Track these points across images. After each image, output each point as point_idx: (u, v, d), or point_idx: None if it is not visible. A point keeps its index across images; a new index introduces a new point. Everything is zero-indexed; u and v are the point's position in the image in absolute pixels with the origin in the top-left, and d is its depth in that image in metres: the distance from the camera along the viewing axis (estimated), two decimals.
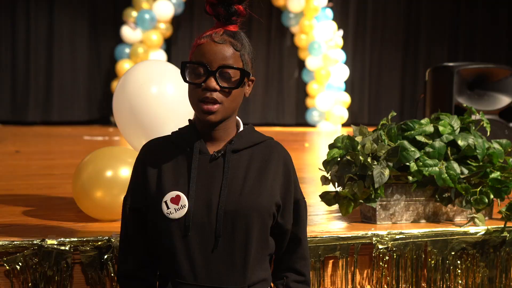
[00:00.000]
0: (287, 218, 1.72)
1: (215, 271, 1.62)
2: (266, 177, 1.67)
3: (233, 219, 1.62)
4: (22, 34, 9.69)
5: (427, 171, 2.55)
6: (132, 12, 9.60)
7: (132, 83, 2.54)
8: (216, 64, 1.62)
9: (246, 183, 1.64)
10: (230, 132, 1.70)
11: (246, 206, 1.62)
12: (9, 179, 3.92)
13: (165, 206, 1.63)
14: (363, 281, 2.47)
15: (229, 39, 1.65)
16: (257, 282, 1.68)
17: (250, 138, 1.71)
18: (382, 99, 11.84)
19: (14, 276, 2.09)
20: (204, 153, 1.67)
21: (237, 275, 1.63)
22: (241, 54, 1.67)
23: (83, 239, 2.15)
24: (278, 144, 1.75)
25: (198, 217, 1.62)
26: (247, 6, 1.70)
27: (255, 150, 1.70)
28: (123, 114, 2.57)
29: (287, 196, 1.71)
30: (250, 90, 1.73)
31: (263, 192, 1.65)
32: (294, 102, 11.24)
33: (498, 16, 12.53)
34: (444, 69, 3.99)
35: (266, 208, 1.65)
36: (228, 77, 1.63)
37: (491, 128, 3.43)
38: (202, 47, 1.64)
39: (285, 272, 1.77)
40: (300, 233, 1.77)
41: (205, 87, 1.61)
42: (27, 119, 9.67)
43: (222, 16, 1.66)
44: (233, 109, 1.67)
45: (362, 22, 11.73)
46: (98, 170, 2.41)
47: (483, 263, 2.61)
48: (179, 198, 1.63)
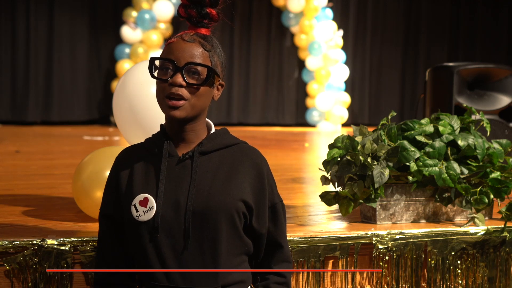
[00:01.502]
0: (261, 222, 1.72)
1: (186, 272, 1.63)
2: (235, 178, 1.67)
3: (201, 219, 1.62)
4: (22, 34, 9.69)
5: (427, 171, 2.56)
6: (132, 12, 9.60)
7: (132, 83, 2.54)
8: (183, 61, 1.63)
9: (214, 184, 1.65)
10: (200, 134, 1.71)
11: (213, 206, 1.63)
12: (9, 179, 3.92)
13: (134, 209, 1.65)
14: (363, 281, 2.47)
15: (198, 39, 1.67)
16: (232, 284, 1.68)
17: (220, 140, 1.71)
18: (382, 99, 11.84)
19: (14, 276, 2.09)
20: (173, 156, 1.68)
21: (209, 275, 1.64)
22: (210, 55, 1.67)
23: (83, 239, 2.15)
24: (251, 148, 1.75)
25: (166, 218, 1.63)
26: (220, 11, 1.70)
27: (226, 153, 1.70)
28: (123, 114, 2.57)
29: (260, 200, 1.71)
30: (219, 94, 1.73)
31: (231, 192, 1.65)
32: (294, 102, 11.24)
33: (498, 16, 12.53)
34: (444, 69, 3.99)
35: (235, 207, 1.65)
36: (195, 74, 1.64)
37: (491, 128, 3.43)
38: (172, 45, 1.66)
39: (265, 274, 1.78)
40: (279, 237, 1.77)
41: (171, 83, 1.63)
42: (27, 119, 9.67)
43: (194, 18, 1.68)
44: (200, 108, 1.67)
45: (362, 22, 11.73)
46: (98, 170, 2.41)
47: (483, 263, 2.61)
48: (147, 200, 1.64)
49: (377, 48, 11.83)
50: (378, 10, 11.83)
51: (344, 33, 11.03)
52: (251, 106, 10.94)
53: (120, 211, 1.71)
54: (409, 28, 12.09)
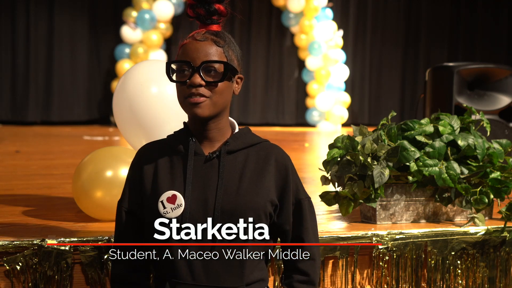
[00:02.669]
0: (284, 218, 1.73)
1: (212, 270, 1.64)
2: (262, 177, 1.68)
3: (230, 218, 1.63)
4: (22, 34, 9.69)
5: (427, 171, 2.55)
6: (132, 12, 9.60)
7: (132, 83, 2.54)
8: (199, 60, 1.64)
9: (241, 184, 1.66)
10: (225, 133, 1.72)
11: (242, 206, 1.64)
12: (9, 179, 3.92)
13: (161, 206, 1.65)
14: (363, 281, 2.47)
15: (211, 37, 1.67)
16: (254, 282, 1.69)
17: (245, 139, 1.73)
18: (382, 99, 11.84)
19: (14, 276, 2.09)
20: (199, 154, 1.69)
21: (234, 274, 1.65)
22: (224, 50, 1.68)
23: (83, 239, 2.15)
24: (274, 146, 1.76)
25: (194, 216, 1.63)
26: (227, 5, 1.71)
27: (251, 152, 1.71)
28: (123, 114, 2.57)
29: (284, 197, 1.72)
30: (239, 87, 1.74)
31: (259, 192, 1.66)
32: (294, 102, 11.23)
33: (498, 16, 12.53)
34: (444, 69, 3.99)
35: (263, 207, 1.66)
36: (212, 72, 1.65)
37: (491, 128, 3.43)
38: (185, 47, 1.67)
39: (290, 272, 1.78)
40: (303, 233, 1.76)
41: (190, 83, 1.64)
42: (27, 119, 9.67)
43: (202, 17, 1.69)
44: (222, 104, 1.68)
45: (362, 22, 11.73)
46: (98, 170, 2.41)
47: (483, 263, 2.61)
48: (175, 197, 1.65)
49: (377, 48, 11.82)
50: (378, 10, 11.82)
51: (344, 33, 11.02)
52: (251, 106, 10.94)
53: (142, 206, 1.71)
54: (409, 28, 12.09)
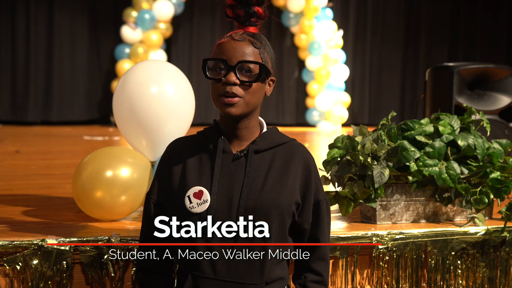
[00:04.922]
0: (305, 217, 1.76)
1: (234, 266, 1.67)
2: (287, 176, 1.72)
3: (253, 216, 1.67)
4: (22, 34, 9.69)
5: (427, 171, 2.55)
6: (132, 12, 9.60)
7: (132, 83, 2.54)
8: (235, 60, 1.68)
9: (267, 182, 1.70)
10: (253, 132, 1.76)
11: (266, 203, 1.68)
12: (9, 179, 3.92)
13: (187, 201, 1.69)
14: (363, 281, 2.47)
15: (248, 37, 1.71)
16: (275, 280, 1.72)
17: (273, 139, 1.76)
18: (382, 99, 11.84)
19: (14, 276, 2.09)
20: (227, 152, 1.73)
21: (255, 271, 1.68)
22: (261, 52, 1.72)
23: (83, 239, 2.15)
24: (300, 145, 1.80)
25: (219, 212, 1.67)
26: (266, 9, 1.75)
27: (277, 151, 1.75)
28: (123, 114, 2.57)
29: (306, 196, 1.76)
30: (271, 90, 1.78)
31: (284, 191, 1.70)
32: (294, 102, 11.24)
33: (498, 16, 12.53)
34: (444, 69, 3.99)
35: (286, 206, 1.70)
36: (247, 72, 1.69)
37: (491, 128, 3.43)
38: (223, 45, 1.71)
39: (303, 272, 1.81)
40: (320, 234, 1.80)
41: (225, 81, 1.67)
42: (27, 119, 9.67)
43: (241, 18, 1.73)
44: (254, 104, 1.71)
45: (362, 22, 11.73)
46: (98, 170, 2.41)
47: (483, 263, 2.61)
48: (202, 193, 1.69)
49: (377, 48, 11.82)
50: (378, 10, 11.82)
51: (344, 33, 11.02)
52: None
53: (170, 199, 1.74)
54: (409, 28, 12.08)
